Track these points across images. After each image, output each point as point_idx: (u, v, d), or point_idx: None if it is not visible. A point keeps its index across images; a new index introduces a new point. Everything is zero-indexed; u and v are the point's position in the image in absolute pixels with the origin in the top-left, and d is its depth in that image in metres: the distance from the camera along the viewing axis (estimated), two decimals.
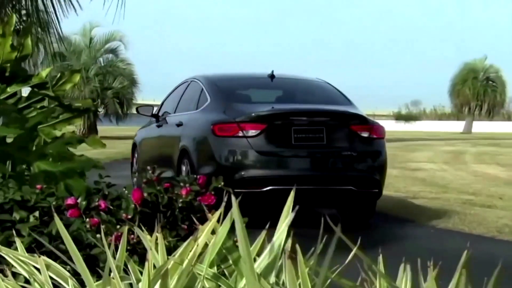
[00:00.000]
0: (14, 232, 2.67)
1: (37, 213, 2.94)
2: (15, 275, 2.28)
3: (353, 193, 7.92)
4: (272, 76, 9.21)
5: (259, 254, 2.00)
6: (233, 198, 2.01)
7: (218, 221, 2.07)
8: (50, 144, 2.92)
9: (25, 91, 2.98)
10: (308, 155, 7.94)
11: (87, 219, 2.92)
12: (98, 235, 2.76)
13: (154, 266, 1.98)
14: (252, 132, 7.91)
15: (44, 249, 2.50)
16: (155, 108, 10.63)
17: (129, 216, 2.92)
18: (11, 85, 2.69)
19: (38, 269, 2.12)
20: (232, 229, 2.00)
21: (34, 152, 2.86)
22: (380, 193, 8.24)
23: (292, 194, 2.19)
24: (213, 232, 2.04)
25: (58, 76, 2.75)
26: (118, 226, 2.90)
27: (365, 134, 8.14)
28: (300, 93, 9.25)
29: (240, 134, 7.91)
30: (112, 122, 38.35)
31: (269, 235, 2.06)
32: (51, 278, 2.08)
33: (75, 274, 2.13)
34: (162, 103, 10.61)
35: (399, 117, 75.80)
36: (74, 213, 2.94)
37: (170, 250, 2.26)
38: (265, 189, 7.69)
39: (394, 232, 7.85)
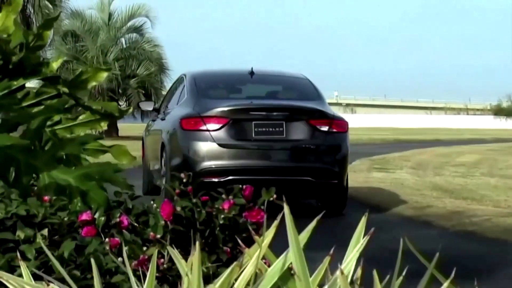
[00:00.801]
0: (18, 254, 2.70)
1: (45, 231, 2.98)
2: None
3: (311, 183, 10.57)
4: (252, 72, 12.00)
5: (321, 284, 2.01)
6: (286, 210, 2.02)
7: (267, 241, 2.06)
8: (62, 146, 2.95)
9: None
10: (267, 147, 10.70)
11: (106, 239, 2.96)
12: (119, 259, 2.78)
13: None
14: (214, 126, 10.57)
15: (54, 275, 2.54)
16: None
17: (158, 236, 2.94)
18: (17, 79, 2.74)
19: None
20: (282, 246, 2.01)
21: (43, 156, 2.90)
22: (341, 184, 10.76)
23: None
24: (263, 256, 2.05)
25: (79, 73, 2.79)
26: (144, 248, 2.93)
27: (324, 128, 10.74)
28: (275, 89, 12.39)
29: (204, 128, 10.59)
30: (136, 118, 38.27)
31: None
32: None
33: None
34: (164, 97, 13.57)
35: (498, 111, 74.82)
36: (91, 231, 2.98)
37: (208, 278, 2.27)
38: (224, 179, 10.32)
39: (496, 259, 7.76)
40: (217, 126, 10.56)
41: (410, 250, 2.11)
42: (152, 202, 3.16)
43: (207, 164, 10.51)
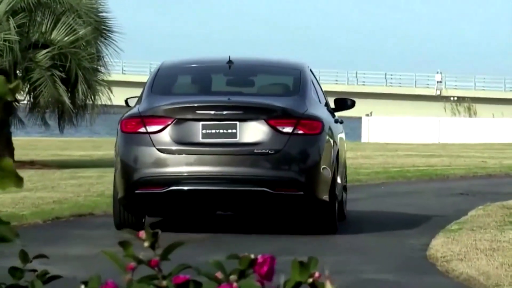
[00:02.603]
0: None
1: None
2: None
3: (268, 195, 14.53)
4: (230, 62, 16.17)
5: None
6: None
7: None
8: None
9: None
10: (216, 153, 14.76)
11: None
12: None
13: None
14: (154, 128, 14.56)
15: None
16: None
17: None
18: None
19: None
20: None
21: None
22: (311, 196, 14.63)
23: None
24: None
25: None
26: None
27: (287, 130, 14.69)
28: (249, 82, 17.09)
29: (143, 130, 14.59)
30: (49, 129, 35.12)
31: None
32: None
33: None
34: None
35: None
36: None
37: None
38: (165, 190, 14.44)
39: None
40: (157, 127, 14.60)
41: None
42: (82, 286, 3.15)
43: (145, 172, 14.57)
